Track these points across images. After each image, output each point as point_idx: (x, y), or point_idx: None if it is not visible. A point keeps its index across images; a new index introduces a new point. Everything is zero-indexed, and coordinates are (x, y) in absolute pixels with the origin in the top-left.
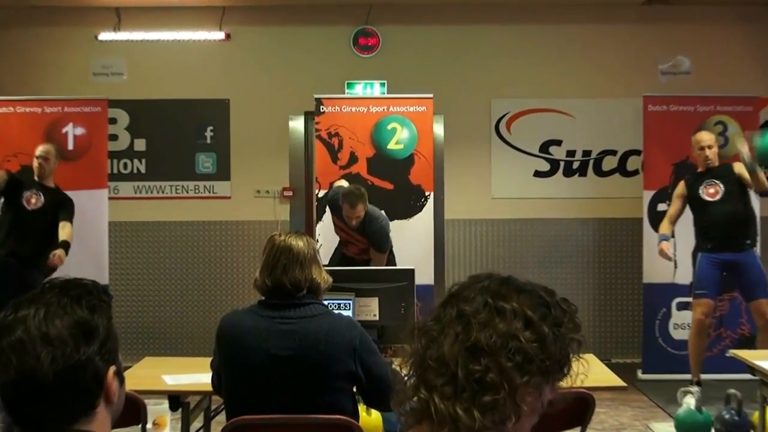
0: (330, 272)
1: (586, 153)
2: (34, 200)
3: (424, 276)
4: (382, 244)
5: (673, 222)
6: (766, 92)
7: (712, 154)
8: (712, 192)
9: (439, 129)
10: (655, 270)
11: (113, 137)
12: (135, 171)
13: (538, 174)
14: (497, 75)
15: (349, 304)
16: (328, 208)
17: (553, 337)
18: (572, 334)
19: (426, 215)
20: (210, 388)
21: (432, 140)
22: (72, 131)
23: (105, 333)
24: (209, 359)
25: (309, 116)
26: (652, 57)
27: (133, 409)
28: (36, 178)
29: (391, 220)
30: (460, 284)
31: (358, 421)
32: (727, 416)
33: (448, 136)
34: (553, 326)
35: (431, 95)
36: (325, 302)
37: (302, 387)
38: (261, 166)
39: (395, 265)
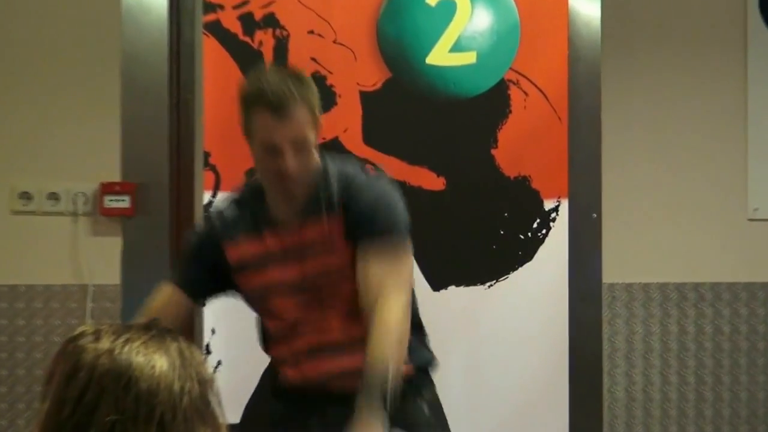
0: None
1: None
2: None
3: None
4: (390, 223)
5: None
6: None
7: None
8: None
9: (589, 6)
10: None
11: None
12: None
13: None
14: None
15: None
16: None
17: None
18: None
19: (549, 270)
20: None
21: (565, 42)
22: None
23: None
24: None
25: None
26: None
27: None
28: None
29: (447, 284)
30: None
31: None
32: None
33: (614, 31)
34: None
35: None
36: None
37: None
38: (31, 121)
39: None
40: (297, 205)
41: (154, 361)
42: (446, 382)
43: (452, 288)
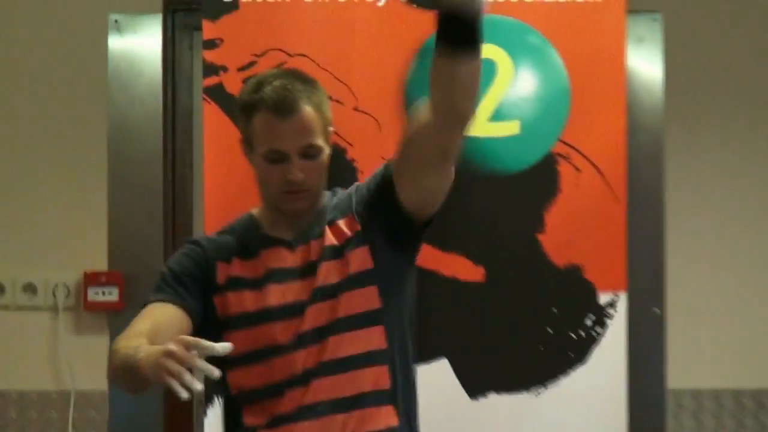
0: None
1: None
2: None
3: None
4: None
5: None
6: None
7: None
8: None
9: (650, 68)
10: None
11: None
12: None
13: None
14: None
15: None
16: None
17: None
18: None
19: (604, 374)
20: None
21: (623, 110)
22: None
23: None
24: None
25: (179, 20)
26: None
27: None
28: None
29: (487, 391)
30: None
31: None
32: None
33: (680, 97)
34: None
35: None
36: None
37: None
38: (1, 201)
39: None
40: (300, 225)
41: None
42: None
43: (493, 395)
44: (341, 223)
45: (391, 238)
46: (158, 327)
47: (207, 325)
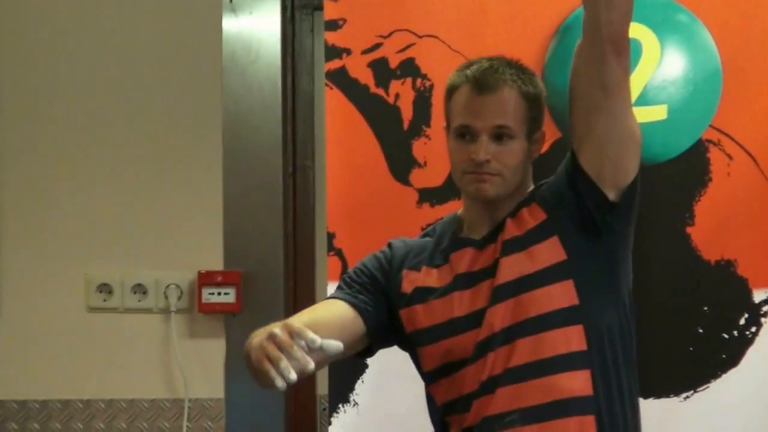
0: None
1: None
2: None
3: None
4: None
5: None
6: None
7: None
8: None
9: None
10: None
11: None
12: None
13: None
14: None
15: None
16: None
17: None
18: None
19: (759, 378)
20: None
21: None
22: None
23: None
24: None
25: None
26: None
27: None
28: None
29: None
30: None
31: None
32: None
33: None
34: None
35: None
36: None
37: None
38: (111, 198)
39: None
40: (495, 222)
41: None
42: None
43: (658, 397)
44: (524, 212)
45: (585, 223)
46: (315, 322)
47: (400, 340)
